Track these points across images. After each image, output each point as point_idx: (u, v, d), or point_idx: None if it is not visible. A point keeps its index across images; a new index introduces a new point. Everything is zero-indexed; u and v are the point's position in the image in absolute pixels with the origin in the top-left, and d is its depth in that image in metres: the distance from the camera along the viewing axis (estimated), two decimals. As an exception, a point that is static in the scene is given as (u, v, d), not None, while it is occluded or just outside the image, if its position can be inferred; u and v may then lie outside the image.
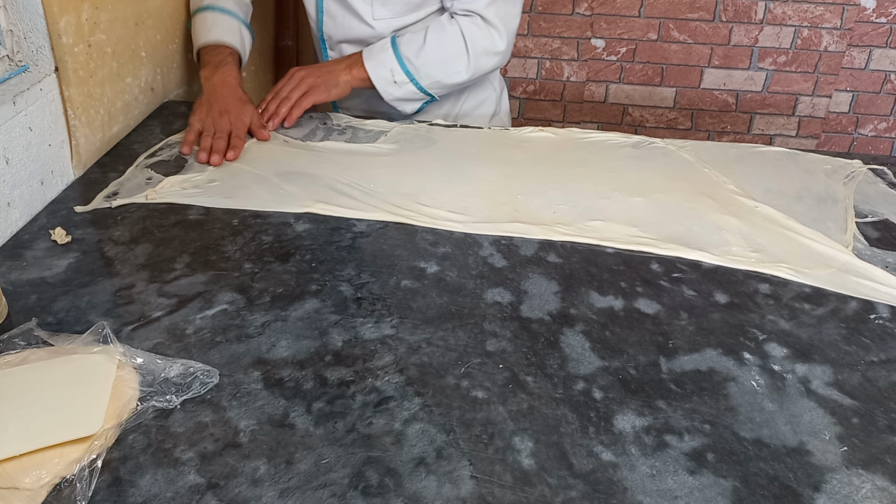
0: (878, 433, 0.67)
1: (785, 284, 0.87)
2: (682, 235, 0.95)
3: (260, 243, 0.92)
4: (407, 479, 0.62)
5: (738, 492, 0.61)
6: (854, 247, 0.94)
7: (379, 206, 1.00)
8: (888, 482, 0.63)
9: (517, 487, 0.61)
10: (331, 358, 0.74)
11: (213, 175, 1.07)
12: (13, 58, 1.01)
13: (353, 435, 0.66)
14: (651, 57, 2.16)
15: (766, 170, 1.12)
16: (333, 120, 1.25)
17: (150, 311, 0.80)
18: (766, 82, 2.10)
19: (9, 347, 0.73)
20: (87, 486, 0.60)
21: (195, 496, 0.60)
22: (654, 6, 2.08)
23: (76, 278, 0.85)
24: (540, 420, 0.68)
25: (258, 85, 1.74)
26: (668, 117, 2.22)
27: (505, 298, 0.84)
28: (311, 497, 0.60)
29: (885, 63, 2.08)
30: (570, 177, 1.09)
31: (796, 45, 2.03)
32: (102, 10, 1.09)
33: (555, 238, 0.94)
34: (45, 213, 0.98)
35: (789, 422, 0.68)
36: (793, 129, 2.17)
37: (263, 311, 0.80)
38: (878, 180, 1.10)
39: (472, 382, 0.72)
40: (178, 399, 0.68)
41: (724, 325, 0.80)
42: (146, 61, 1.23)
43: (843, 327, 0.80)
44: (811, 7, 1.97)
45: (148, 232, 0.94)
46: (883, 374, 0.74)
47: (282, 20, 1.83)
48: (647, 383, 0.72)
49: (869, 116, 2.18)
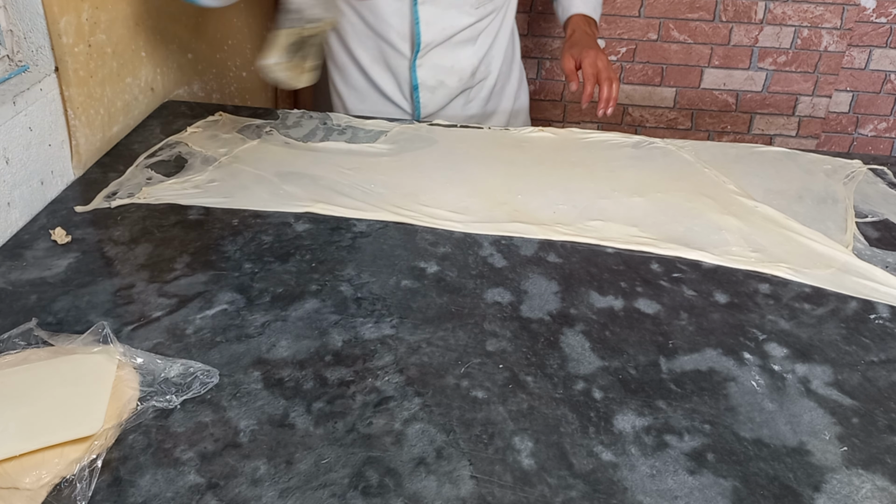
0: (878, 433, 0.67)
1: (785, 284, 0.87)
2: (682, 235, 0.95)
3: (260, 243, 0.92)
4: (407, 479, 0.62)
5: (738, 492, 0.61)
6: (854, 247, 0.94)
7: (379, 206, 1.00)
8: (888, 482, 0.63)
9: (517, 487, 0.61)
10: (331, 358, 0.74)
11: (212, 175, 1.07)
12: (13, 58, 1.01)
13: (353, 435, 0.66)
14: (651, 57, 2.16)
15: (766, 170, 1.12)
16: (333, 120, 1.25)
17: (150, 311, 0.80)
18: (766, 82, 2.10)
19: (9, 347, 0.73)
20: (87, 486, 0.60)
21: (195, 496, 0.60)
22: (654, 6, 2.08)
23: (76, 278, 0.85)
24: (540, 420, 0.68)
25: (257, 84, 1.74)
26: (668, 117, 2.22)
27: (505, 298, 0.84)
28: (311, 497, 0.60)
29: (885, 63, 2.08)
30: (570, 177, 1.09)
31: (796, 45, 2.03)
32: (102, 10, 1.09)
33: (555, 238, 0.94)
34: (45, 213, 0.98)
35: (789, 422, 0.68)
36: (793, 129, 2.17)
37: (263, 311, 0.80)
38: (878, 180, 1.10)
39: (472, 382, 0.72)
40: (178, 399, 0.68)
41: (724, 325, 0.80)
42: (146, 61, 1.23)
43: (843, 327, 0.80)
44: (811, 7, 1.97)
45: (148, 232, 0.94)
46: (883, 374, 0.74)
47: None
48: (647, 383, 0.72)
49: (869, 116, 2.18)
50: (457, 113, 1.39)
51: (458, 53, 1.32)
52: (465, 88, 1.37)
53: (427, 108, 1.36)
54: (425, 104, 1.35)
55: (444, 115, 1.37)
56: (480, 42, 1.34)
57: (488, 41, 1.35)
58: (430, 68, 1.31)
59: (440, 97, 1.35)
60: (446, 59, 1.31)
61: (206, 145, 1.15)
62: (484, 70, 1.37)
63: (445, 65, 1.32)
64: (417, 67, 1.31)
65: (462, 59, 1.33)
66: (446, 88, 1.34)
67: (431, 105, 1.36)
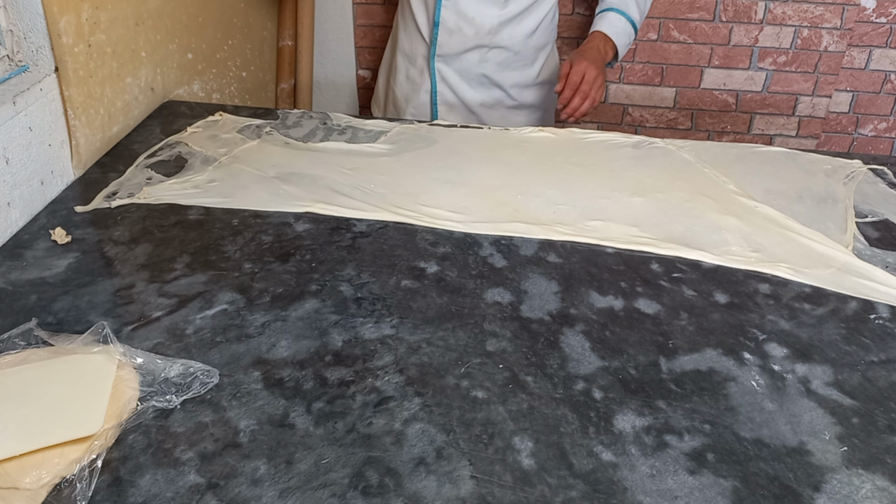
0: (878, 433, 0.67)
1: (785, 284, 0.87)
2: (682, 235, 0.95)
3: (260, 243, 0.92)
4: (407, 479, 0.62)
5: (738, 492, 0.61)
6: (854, 247, 0.94)
7: (379, 206, 1.00)
8: (888, 482, 0.63)
9: (517, 487, 0.61)
10: (331, 358, 0.74)
11: (212, 175, 1.07)
12: (13, 58, 1.01)
13: (353, 435, 0.66)
14: (651, 57, 2.15)
15: (766, 170, 1.12)
16: (333, 120, 1.25)
17: (150, 311, 0.80)
18: (766, 82, 2.09)
19: (9, 347, 0.73)
20: (87, 486, 0.60)
21: (195, 496, 0.60)
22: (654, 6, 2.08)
23: (76, 278, 0.85)
24: (540, 420, 0.68)
25: (257, 84, 1.74)
26: (668, 117, 2.22)
27: (505, 298, 0.84)
28: (311, 497, 0.60)
29: (885, 63, 2.08)
30: (570, 177, 1.09)
31: (796, 45, 2.03)
32: (102, 10, 1.09)
33: (555, 238, 0.94)
34: (45, 213, 0.98)
35: (789, 422, 0.68)
36: (793, 129, 2.17)
37: (263, 311, 0.80)
38: (878, 180, 1.10)
39: (472, 382, 0.72)
40: (178, 399, 0.68)
41: (724, 325, 0.80)
42: (146, 61, 1.23)
43: (843, 327, 0.80)
44: (811, 7, 1.97)
45: (148, 232, 0.94)
46: (883, 374, 0.74)
47: (282, 20, 1.83)
48: (647, 383, 0.72)
49: (869, 116, 2.17)
50: (471, 67, 1.46)
51: (483, 8, 1.41)
52: (481, 44, 1.44)
53: (443, 48, 1.45)
54: (441, 44, 1.44)
55: (458, 63, 1.46)
56: (510, 8, 1.42)
57: (516, 11, 1.42)
58: (453, 11, 1.41)
59: (456, 42, 1.44)
60: (470, 9, 1.41)
61: (206, 145, 1.15)
62: (506, 37, 1.44)
63: (468, 13, 1.41)
64: (442, 7, 1.41)
65: (485, 15, 1.41)
66: (462, 35, 1.43)
67: (447, 47, 1.45)
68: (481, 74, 1.47)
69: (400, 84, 1.56)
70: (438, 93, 1.50)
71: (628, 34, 1.46)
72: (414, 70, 1.53)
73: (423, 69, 1.50)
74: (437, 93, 1.50)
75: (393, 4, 1.96)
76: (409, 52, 1.53)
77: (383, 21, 1.99)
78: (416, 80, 1.52)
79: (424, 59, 1.49)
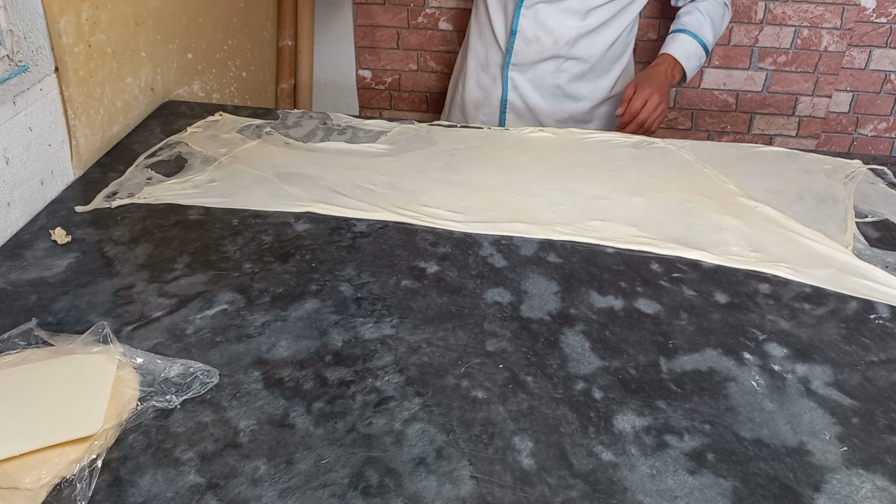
0: (878, 433, 0.67)
1: (785, 284, 0.87)
2: (682, 235, 0.95)
3: (260, 243, 0.92)
4: (407, 479, 0.62)
5: (738, 492, 0.61)
6: (854, 247, 0.94)
7: (379, 206, 1.00)
8: (888, 482, 0.63)
9: (517, 487, 0.61)
10: (331, 358, 0.74)
11: (212, 175, 1.07)
12: (13, 58, 1.01)
13: (353, 435, 0.66)
14: (651, 57, 2.15)
15: (766, 170, 1.12)
16: (333, 120, 1.25)
17: (150, 311, 0.80)
18: (766, 82, 2.09)
19: (9, 347, 0.73)
20: (87, 486, 0.60)
21: (195, 496, 0.60)
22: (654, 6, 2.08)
23: (76, 278, 0.85)
24: (540, 420, 0.68)
25: (257, 84, 1.74)
26: (668, 117, 2.22)
27: (505, 298, 0.84)
28: (311, 497, 0.60)
29: (885, 63, 2.08)
30: (570, 177, 1.09)
31: (796, 45, 2.03)
32: (102, 10, 1.09)
33: (555, 238, 0.94)
34: (45, 213, 0.98)
35: (789, 422, 0.68)
36: (793, 129, 2.17)
37: (263, 311, 0.80)
38: (878, 180, 1.10)
39: (472, 382, 0.72)
40: (178, 399, 0.68)
41: (724, 325, 0.80)
42: (146, 61, 1.23)
43: (843, 327, 0.80)
44: (811, 7, 1.97)
45: (148, 232, 0.94)
46: (883, 374, 0.74)
47: (282, 20, 1.83)
48: (647, 383, 0.72)
49: (869, 116, 2.17)
50: (545, 77, 1.46)
51: (563, 19, 1.40)
52: (558, 55, 1.43)
53: (519, 56, 1.44)
54: (517, 52, 1.44)
55: (532, 73, 1.46)
56: (590, 20, 1.40)
57: (595, 23, 1.41)
58: (532, 20, 1.41)
59: (532, 52, 1.44)
60: (550, 19, 1.41)
61: (206, 145, 1.15)
62: (584, 48, 1.43)
63: (547, 24, 1.41)
64: (521, 16, 1.41)
65: (564, 25, 1.41)
66: (539, 45, 1.42)
67: (523, 55, 1.44)
68: (555, 85, 1.46)
69: (470, 90, 1.54)
70: (509, 101, 1.48)
71: (699, 57, 1.44)
72: (486, 77, 1.51)
73: (496, 77, 1.48)
74: (508, 101, 1.48)
75: (392, 6, 1.96)
76: (482, 59, 1.51)
77: (383, 21, 2.00)
78: (488, 87, 1.50)
79: (498, 67, 1.48)
